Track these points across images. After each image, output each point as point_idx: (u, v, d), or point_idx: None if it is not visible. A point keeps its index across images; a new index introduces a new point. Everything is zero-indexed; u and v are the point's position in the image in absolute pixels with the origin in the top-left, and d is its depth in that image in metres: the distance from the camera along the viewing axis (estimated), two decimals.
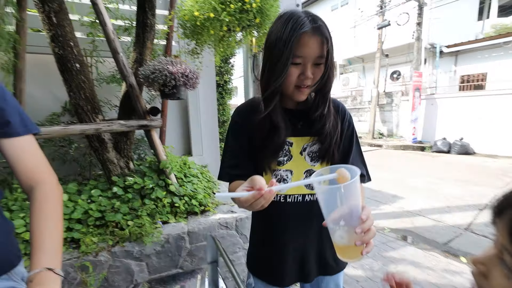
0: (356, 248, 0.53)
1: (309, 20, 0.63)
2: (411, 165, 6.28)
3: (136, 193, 1.59)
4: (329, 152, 0.77)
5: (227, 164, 0.81)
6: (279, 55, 0.64)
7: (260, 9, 1.00)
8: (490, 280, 0.32)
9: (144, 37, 1.71)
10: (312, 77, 0.68)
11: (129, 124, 1.57)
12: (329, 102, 0.76)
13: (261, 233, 0.88)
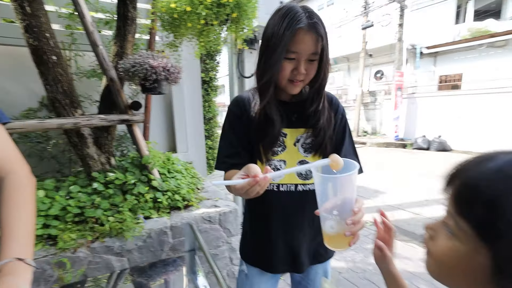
0: (344, 238, 0.55)
1: (306, 16, 0.65)
2: (393, 162, 6.51)
3: (117, 188, 1.56)
4: (322, 145, 0.80)
5: (224, 154, 0.82)
6: (274, 49, 0.66)
7: (237, 4, 1.01)
8: (436, 241, 0.36)
9: (125, 30, 1.68)
10: (305, 73, 0.70)
11: (109, 119, 1.54)
12: (323, 97, 0.79)
13: (254, 221, 0.90)
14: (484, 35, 8.06)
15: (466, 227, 0.30)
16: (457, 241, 0.32)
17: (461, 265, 0.32)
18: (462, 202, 0.31)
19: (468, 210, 0.29)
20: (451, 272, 0.34)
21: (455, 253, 0.32)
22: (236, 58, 2.42)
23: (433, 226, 0.37)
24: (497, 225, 0.25)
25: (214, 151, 3.82)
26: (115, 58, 1.71)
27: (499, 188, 0.26)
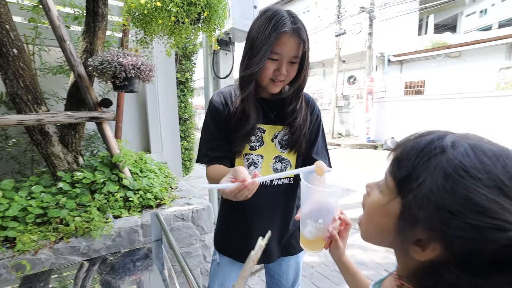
0: (321, 242, 0.59)
1: (291, 21, 0.69)
2: (365, 162, 6.87)
3: (85, 188, 1.51)
4: (298, 142, 0.84)
5: (206, 147, 0.83)
6: (259, 48, 0.69)
7: (208, 4, 1.05)
8: (370, 196, 0.43)
9: (95, 27, 1.64)
10: (286, 74, 0.74)
11: (77, 116, 1.49)
12: (301, 98, 0.84)
13: (230, 212, 0.92)
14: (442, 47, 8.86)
15: (392, 184, 0.36)
16: (382, 195, 0.39)
17: (380, 213, 0.39)
18: (394, 165, 0.37)
19: (396, 171, 0.36)
20: (374, 219, 0.41)
21: (378, 203, 0.39)
22: (211, 59, 2.45)
23: (371, 185, 0.44)
24: (411, 184, 0.33)
25: (190, 152, 3.78)
26: (84, 54, 1.66)
27: (417, 160, 0.33)
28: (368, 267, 2.23)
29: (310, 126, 0.88)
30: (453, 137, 0.33)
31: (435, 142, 0.33)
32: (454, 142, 0.32)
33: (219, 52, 2.39)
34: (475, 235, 0.26)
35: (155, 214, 0.69)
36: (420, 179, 0.31)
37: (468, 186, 0.28)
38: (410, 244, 0.33)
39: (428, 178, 0.31)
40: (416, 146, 0.34)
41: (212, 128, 0.83)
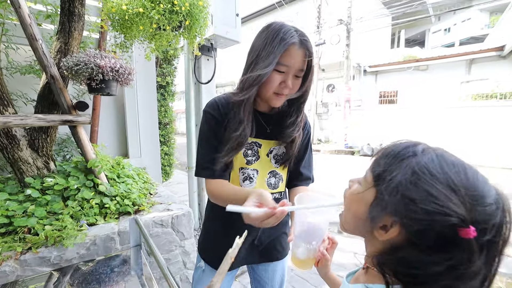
0: (312, 261, 0.63)
1: (298, 34, 0.69)
2: (343, 167, 7.13)
3: (57, 195, 1.43)
4: (292, 157, 0.84)
5: (206, 159, 0.78)
6: (267, 56, 0.68)
7: (189, 13, 1.06)
8: (351, 188, 0.49)
9: (70, 27, 1.58)
10: (290, 87, 0.72)
11: (49, 119, 1.42)
12: (303, 112, 0.83)
13: (217, 221, 0.88)
14: (412, 60, 9.54)
15: (370, 177, 0.43)
16: (361, 187, 0.45)
17: (356, 200, 0.45)
18: (374, 163, 0.44)
19: (375, 167, 0.43)
20: (351, 207, 0.47)
21: (356, 191, 0.46)
22: (193, 64, 2.45)
23: (353, 180, 0.50)
24: (385, 177, 0.39)
25: (170, 157, 3.70)
26: (58, 55, 1.59)
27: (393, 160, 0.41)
28: (345, 268, 2.31)
29: (301, 141, 0.88)
30: (424, 146, 0.41)
31: (410, 148, 0.41)
32: (424, 149, 0.40)
33: (201, 57, 2.40)
34: (426, 217, 0.34)
35: (134, 219, 0.68)
36: (393, 174, 0.38)
37: (427, 181, 0.35)
38: (377, 228, 0.40)
39: (399, 174, 0.38)
40: (394, 149, 0.42)
41: (212, 140, 0.78)
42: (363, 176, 0.46)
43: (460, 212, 0.33)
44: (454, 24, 19.89)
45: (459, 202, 0.33)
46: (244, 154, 0.79)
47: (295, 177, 0.92)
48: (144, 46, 1.37)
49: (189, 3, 1.06)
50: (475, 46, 10.22)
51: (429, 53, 11.84)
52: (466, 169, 0.37)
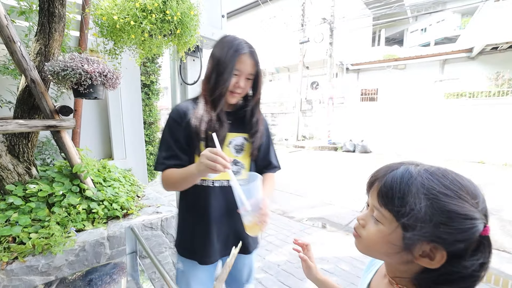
0: (257, 226, 0.78)
1: (248, 46, 0.88)
2: (327, 163, 7.36)
3: (41, 201, 1.41)
4: (255, 148, 0.98)
5: (163, 156, 0.92)
6: (224, 68, 0.85)
7: (181, 21, 1.09)
8: (366, 228, 0.49)
9: (50, 28, 1.53)
10: (243, 87, 0.90)
11: (31, 124, 1.38)
12: (259, 108, 0.99)
13: (191, 215, 0.98)
14: (391, 59, 9.93)
15: (388, 214, 0.44)
16: (382, 225, 0.45)
17: (384, 240, 0.45)
18: (384, 198, 0.44)
19: (388, 203, 0.43)
20: (377, 247, 0.47)
21: (381, 233, 0.46)
22: (178, 65, 2.44)
23: (364, 217, 0.50)
24: (405, 210, 0.41)
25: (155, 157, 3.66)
26: (38, 57, 1.53)
27: (401, 191, 0.42)
28: (328, 262, 2.44)
29: (264, 134, 1.03)
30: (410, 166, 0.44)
31: (406, 173, 0.43)
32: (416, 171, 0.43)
33: (186, 58, 2.39)
34: (462, 234, 0.38)
35: (130, 228, 0.72)
36: (411, 206, 0.40)
37: (443, 201, 0.39)
38: (418, 257, 0.42)
39: (416, 205, 0.40)
40: (395, 179, 0.44)
41: (169, 140, 0.92)
42: (375, 213, 0.47)
43: (480, 217, 0.38)
44: (429, 25, 20.84)
45: (475, 209, 0.39)
46: (205, 146, 0.91)
47: (265, 166, 1.09)
48: (132, 51, 1.37)
49: (181, 12, 1.08)
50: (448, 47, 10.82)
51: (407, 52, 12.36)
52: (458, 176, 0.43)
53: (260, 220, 0.77)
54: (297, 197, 4.44)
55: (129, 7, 1.01)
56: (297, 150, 9.51)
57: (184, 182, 0.85)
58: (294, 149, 9.70)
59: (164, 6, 1.07)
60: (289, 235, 3.03)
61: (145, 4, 1.04)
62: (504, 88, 7.04)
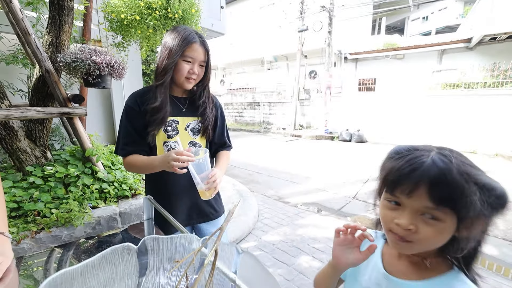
0: (208, 192, 0.92)
1: (198, 36, 0.95)
2: (323, 152, 7.53)
3: (58, 181, 1.56)
4: (208, 129, 1.09)
5: (122, 142, 1.00)
6: (174, 51, 0.91)
7: (183, 17, 1.19)
8: (420, 232, 0.45)
9: (60, 20, 1.62)
10: (197, 74, 0.97)
11: (48, 111, 1.51)
12: (208, 93, 1.08)
13: (156, 191, 1.05)
14: (389, 48, 9.90)
15: (448, 211, 0.42)
16: (440, 222, 0.44)
17: (444, 234, 0.44)
18: (441, 199, 0.42)
19: (446, 201, 0.42)
20: (434, 243, 0.46)
21: (439, 231, 0.44)
22: None
23: (412, 223, 0.46)
24: (465, 202, 0.41)
25: None
26: (50, 49, 1.64)
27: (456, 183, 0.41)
28: (319, 241, 2.65)
29: (217, 120, 1.14)
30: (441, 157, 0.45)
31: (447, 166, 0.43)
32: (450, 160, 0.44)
33: None
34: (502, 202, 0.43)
35: (147, 198, 0.87)
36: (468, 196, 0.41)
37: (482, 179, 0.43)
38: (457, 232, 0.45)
39: (472, 194, 0.41)
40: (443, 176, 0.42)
41: (128, 126, 1.00)
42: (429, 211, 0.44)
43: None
44: (431, 13, 20.53)
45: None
46: (164, 131, 1.00)
47: (220, 145, 1.19)
48: (138, 45, 1.48)
49: (182, 9, 1.19)
50: (447, 36, 10.77)
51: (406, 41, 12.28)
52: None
53: (208, 187, 0.90)
54: (293, 184, 4.64)
55: (135, 5, 1.12)
56: (294, 139, 9.66)
57: (147, 170, 0.97)
58: (291, 138, 9.85)
59: (167, 4, 1.18)
60: (284, 218, 3.24)
61: (150, 2, 1.15)
62: (500, 79, 7.14)
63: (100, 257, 0.41)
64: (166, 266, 0.48)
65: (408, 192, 0.45)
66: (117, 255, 0.43)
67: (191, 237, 0.51)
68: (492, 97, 6.77)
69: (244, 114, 13.57)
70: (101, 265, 0.41)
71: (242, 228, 2.69)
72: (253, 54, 13.73)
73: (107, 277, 0.42)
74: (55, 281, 0.36)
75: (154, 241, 0.47)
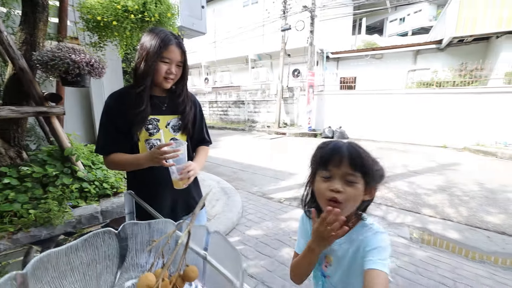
0: (181, 182, 0.96)
1: (174, 37, 0.99)
2: (306, 149, 7.72)
3: (36, 182, 1.54)
4: (188, 126, 1.12)
5: (103, 141, 1.02)
6: (152, 55, 0.94)
7: (159, 21, 1.22)
8: (346, 192, 0.65)
9: (35, 18, 1.59)
10: (175, 74, 1.01)
11: (23, 111, 1.49)
12: (186, 91, 1.12)
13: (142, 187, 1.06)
14: (368, 48, 10.29)
15: (359, 175, 0.65)
16: (357, 184, 0.65)
17: (359, 193, 0.65)
18: (355, 166, 0.65)
19: (358, 167, 0.65)
20: (356, 201, 0.66)
21: (357, 190, 0.65)
22: None
23: (338, 187, 0.65)
24: (367, 169, 0.65)
25: None
26: (24, 46, 1.60)
27: (361, 156, 0.67)
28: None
29: (196, 117, 1.17)
30: (349, 143, 0.70)
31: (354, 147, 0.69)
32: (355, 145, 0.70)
33: None
34: (383, 175, 0.69)
35: (128, 193, 0.91)
36: (368, 165, 0.66)
37: (373, 158, 0.69)
38: (365, 195, 0.67)
39: (370, 164, 0.67)
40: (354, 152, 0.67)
41: (108, 125, 1.02)
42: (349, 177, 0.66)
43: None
44: (408, 15, 21.47)
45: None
46: (146, 129, 1.03)
47: (200, 140, 1.24)
48: (115, 44, 1.49)
49: (159, 13, 1.22)
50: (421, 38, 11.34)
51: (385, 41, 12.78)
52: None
53: (181, 177, 0.95)
54: (277, 180, 4.75)
55: (112, 7, 1.14)
56: (278, 137, 9.81)
57: (131, 167, 1.00)
58: (276, 136, 10.00)
59: (144, 7, 1.20)
60: (267, 213, 3.33)
61: (127, 6, 1.17)
62: (467, 78, 7.67)
63: (83, 240, 0.46)
64: (144, 249, 0.54)
65: (337, 163, 0.66)
66: (99, 239, 0.48)
67: (168, 222, 0.57)
68: (460, 95, 7.26)
69: (229, 113, 13.56)
70: (84, 247, 0.46)
71: (226, 224, 2.75)
72: (237, 52, 13.72)
73: (89, 258, 0.47)
74: (42, 260, 0.41)
75: (133, 226, 0.52)
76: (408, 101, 8.13)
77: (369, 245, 0.66)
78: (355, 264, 0.69)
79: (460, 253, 2.36)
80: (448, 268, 2.10)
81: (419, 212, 3.23)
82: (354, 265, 0.70)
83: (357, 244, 0.70)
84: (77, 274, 0.45)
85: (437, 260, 2.21)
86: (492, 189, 4.05)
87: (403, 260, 2.22)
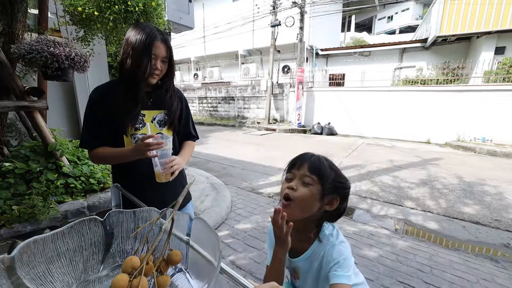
0: (164, 175, 0.98)
1: (160, 33, 0.98)
2: (296, 144, 7.82)
3: (18, 178, 1.51)
4: (174, 121, 1.13)
5: (87, 135, 1.01)
6: (140, 52, 0.93)
7: (144, 11, 1.21)
8: (299, 191, 0.73)
9: (13, 9, 1.54)
10: (160, 69, 1.00)
11: (3, 105, 1.45)
12: (173, 87, 1.12)
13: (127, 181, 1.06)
14: (357, 46, 10.45)
15: (315, 178, 0.73)
16: (311, 186, 0.73)
17: (313, 195, 0.72)
18: (313, 170, 0.74)
19: (315, 172, 0.73)
20: (307, 201, 0.72)
21: (311, 191, 0.72)
22: None
23: (294, 185, 0.74)
24: (324, 178, 0.72)
25: None
26: (1, 38, 1.55)
27: (321, 164, 0.76)
28: None
29: (182, 113, 1.18)
30: (316, 154, 0.81)
31: (317, 157, 0.78)
32: (321, 157, 0.79)
33: None
34: (346, 188, 0.77)
35: (115, 185, 0.92)
36: (326, 173, 0.75)
37: (336, 170, 0.78)
38: (324, 205, 0.74)
39: (328, 172, 0.75)
40: (316, 159, 0.78)
41: (92, 119, 1.01)
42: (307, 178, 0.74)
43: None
44: (395, 13, 21.87)
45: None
46: (132, 126, 1.03)
47: (186, 135, 1.25)
48: (100, 38, 1.47)
49: (143, 3, 1.21)
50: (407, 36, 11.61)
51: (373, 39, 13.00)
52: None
53: (163, 172, 0.96)
54: (266, 176, 4.80)
55: None
56: (268, 133, 9.87)
57: (116, 161, 1.01)
58: (266, 132, 10.05)
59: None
60: (256, 207, 3.38)
61: None
62: (449, 76, 7.95)
63: (69, 227, 0.48)
64: (129, 236, 0.56)
65: (298, 166, 0.77)
66: (85, 226, 0.50)
67: (152, 210, 0.59)
68: (443, 93, 7.53)
69: (219, 109, 13.48)
70: (70, 234, 0.49)
71: (215, 218, 2.78)
72: (227, 47, 13.60)
73: (76, 244, 0.49)
74: (29, 246, 0.42)
75: (118, 214, 0.55)
76: (395, 98, 8.35)
77: (330, 260, 0.72)
78: (321, 279, 0.76)
79: (437, 242, 2.49)
80: (426, 256, 2.23)
81: (402, 205, 3.37)
82: (320, 280, 0.77)
83: (319, 260, 0.76)
84: (64, 259, 0.47)
85: (416, 249, 2.33)
86: (470, 182, 4.26)
87: (385, 249, 2.32)
